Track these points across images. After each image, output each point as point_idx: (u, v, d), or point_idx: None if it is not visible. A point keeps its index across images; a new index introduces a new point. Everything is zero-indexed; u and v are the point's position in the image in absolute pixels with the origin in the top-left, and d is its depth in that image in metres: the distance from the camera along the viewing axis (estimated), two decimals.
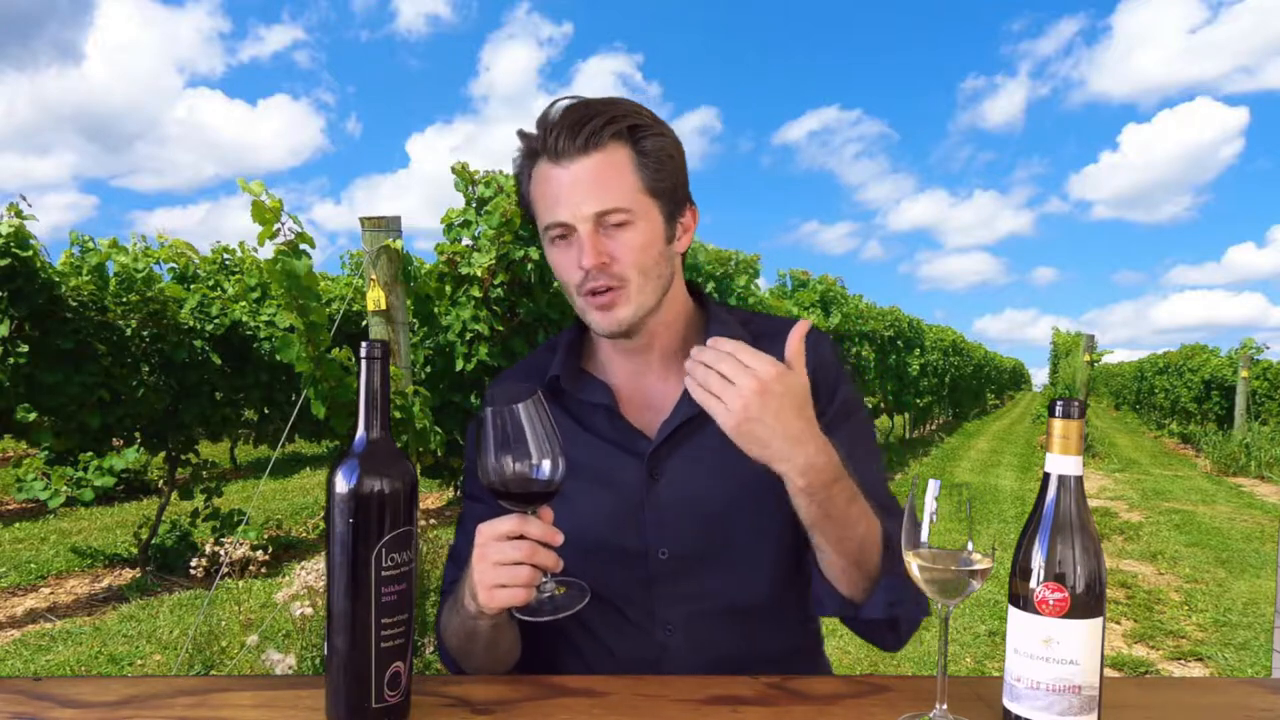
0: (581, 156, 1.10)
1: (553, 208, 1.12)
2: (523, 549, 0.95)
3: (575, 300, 1.17)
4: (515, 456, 0.93)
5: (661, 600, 1.16)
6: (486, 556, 0.96)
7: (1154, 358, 18.60)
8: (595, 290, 1.12)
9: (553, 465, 0.94)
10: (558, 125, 1.11)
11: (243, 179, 3.00)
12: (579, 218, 1.10)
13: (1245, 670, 3.92)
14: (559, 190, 1.11)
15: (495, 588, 0.96)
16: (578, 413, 1.21)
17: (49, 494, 5.43)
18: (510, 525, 0.96)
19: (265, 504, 7.69)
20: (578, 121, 1.10)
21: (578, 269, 1.12)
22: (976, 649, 4.14)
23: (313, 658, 3.22)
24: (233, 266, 6.84)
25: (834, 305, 9.97)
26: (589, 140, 1.10)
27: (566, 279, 1.16)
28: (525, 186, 1.19)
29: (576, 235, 1.12)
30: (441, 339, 4.22)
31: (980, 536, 0.88)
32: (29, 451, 7.69)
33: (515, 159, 1.20)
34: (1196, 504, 8.40)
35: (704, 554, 1.17)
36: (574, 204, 1.10)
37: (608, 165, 1.11)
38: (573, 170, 1.10)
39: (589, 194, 1.10)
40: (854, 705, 0.95)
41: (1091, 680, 0.83)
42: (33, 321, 4.34)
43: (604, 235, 1.11)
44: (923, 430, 16.21)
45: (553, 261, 1.18)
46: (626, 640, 1.18)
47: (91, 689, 0.98)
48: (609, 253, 1.11)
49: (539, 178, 1.14)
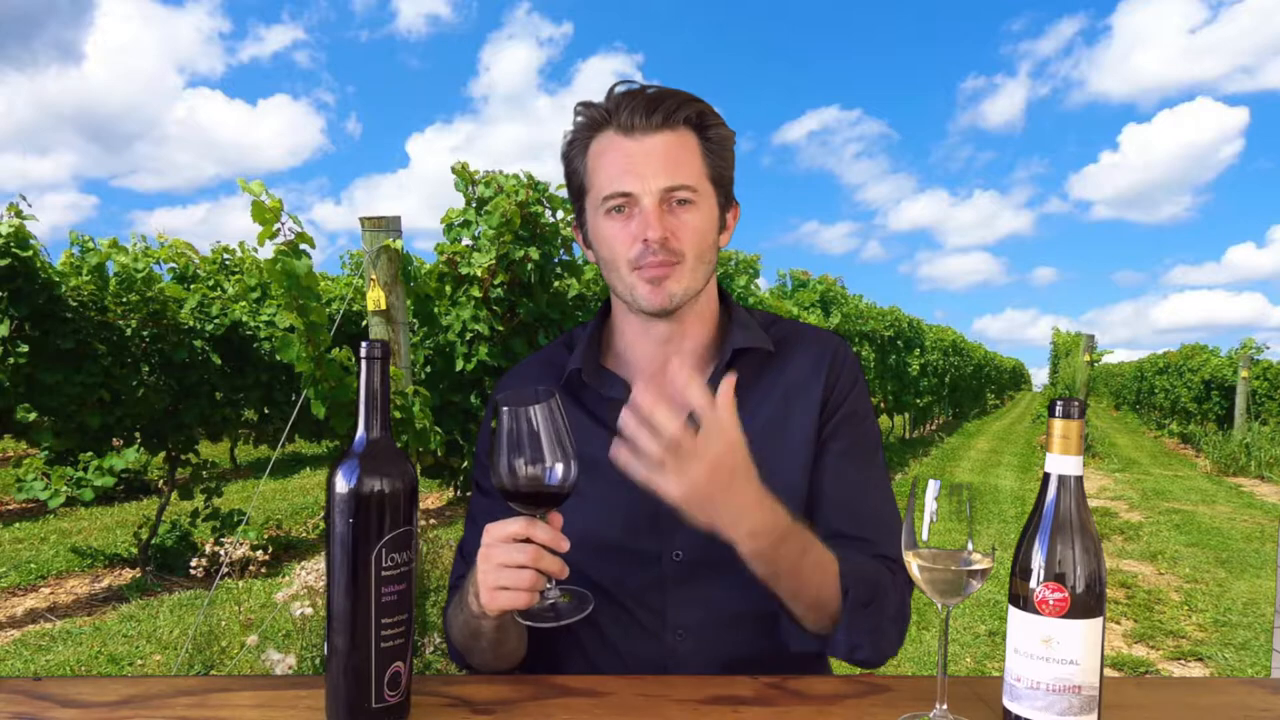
0: (654, 133, 1.11)
1: (619, 177, 1.11)
2: (528, 552, 0.94)
3: (620, 275, 1.14)
4: (528, 459, 0.92)
5: (673, 604, 1.16)
6: (491, 557, 0.95)
7: (1154, 358, 18.60)
8: (650, 264, 1.11)
9: (565, 469, 0.93)
10: (631, 100, 1.11)
11: (243, 179, 3.00)
12: (647, 190, 1.10)
13: (1245, 670, 3.92)
14: (629, 161, 1.11)
15: (497, 589, 0.95)
16: (596, 408, 1.20)
17: (49, 494, 5.43)
18: (517, 528, 0.95)
19: (265, 504, 7.68)
20: (653, 100, 1.11)
21: (634, 241, 1.11)
22: (976, 649, 4.14)
23: (313, 658, 3.22)
24: (233, 266, 6.84)
25: (834, 305, 9.98)
26: (666, 118, 1.11)
27: (617, 252, 1.13)
28: (579, 158, 1.17)
29: (638, 208, 1.11)
30: (441, 339, 4.22)
31: (980, 536, 0.88)
32: (29, 451, 7.69)
33: (569, 132, 1.18)
34: (1196, 504, 8.39)
35: (719, 558, 1.15)
36: (644, 175, 1.10)
37: (679, 144, 1.12)
38: (645, 143, 1.11)
39: (661, 168, 1.10)
40: (854, 705, 0.95)
41: (1091, 680, 0.83)
42: (33, 321, 4.34)
43: (667, 211, 1.11)
44: (923, 430, 16.21)
45: (603, 234, 1.15)
46: (636, 643, 1.17)
47: (91, 689, 0.98)
48: (671, 229, 1.11)
49: (602, 147, 1.14)
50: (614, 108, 1.12)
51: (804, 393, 1.21)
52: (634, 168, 1.10)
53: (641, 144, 1.11)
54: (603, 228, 1.15)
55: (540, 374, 1.25)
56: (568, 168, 1.20)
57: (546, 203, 4.14)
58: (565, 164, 1.21)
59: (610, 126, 1.13)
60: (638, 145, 1.11)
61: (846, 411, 1.21)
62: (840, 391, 1.22)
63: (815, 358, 1.23)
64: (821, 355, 1.23)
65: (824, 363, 1.23)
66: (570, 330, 1.31)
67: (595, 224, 1.16)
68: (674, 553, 1.15)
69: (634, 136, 1.11)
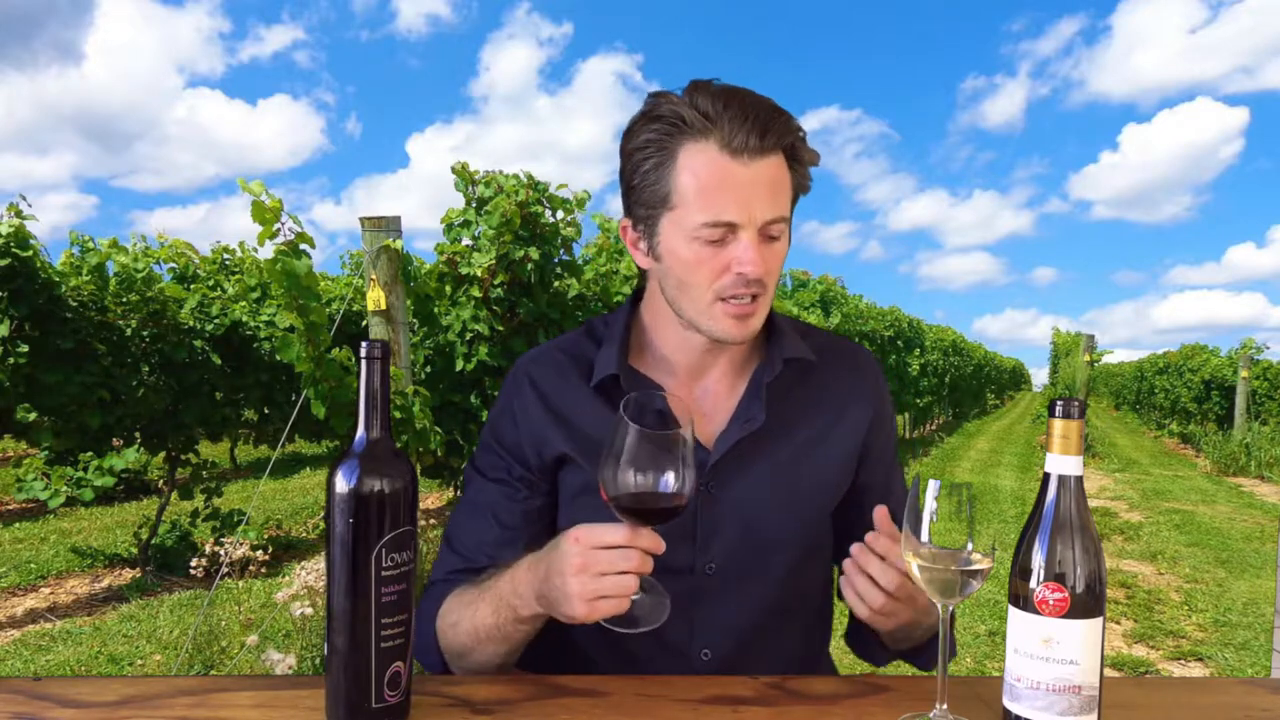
0: (760, 158, 1.04)
1: (727, 206, 1.03)
2: (634, 560, 0.92)
3: (697, 300, 1.09)
4: (653, 474, 0.92)
5: (701, 620, 1.14)
6: (591, 567, 0.92)
7: (1154, 358, 18.60)
8: (740, 297, 1.07)
9: (688, 487, 0.94)
10: (740, 115, 1.03)
11: (243, 179, 3.00)
12: (751, 220, 1.04)
13: (1245, 670, 3.92)
14: (737, 190, 1.03)
15: (598, 599, 0.93)
16: None
17: (49, 494, 5.43)
18: (620, 536, 0.93)
19: (265, 504, 7.68)
20: (763, 121, 1.03)
21: (724, 272, 1.06)
22: (976, 649, 4.14)
23: (313, 658, 3.22)
24: (233, 266, 6.84)
25: (834, 305, 9.98)
26: (778, 142, 1.05)
27: (706, 279, 1.07)
28: (665, 164, 1.06)
29: (735, 239, 1.05)
30: (441, 339, 4.22)
31: (980, 536, 0.88)
32: (29, 451, 7.69)
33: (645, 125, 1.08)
34: (1196, 504, 8.39)
35: (749, 568, 1.16)
36: (750, 207, 1.04)
37: (780, 173, 1.07)
38: (753, 169, 1.04)
39: (767, 200, 1.05)
40: (854, 705, 0.95)
41: (1091, 680, 0.83)
42: (33, 321, 4.34)
43: (762, 242, 1.06)
44: (923, 430, 16.21)
45: (686, 256, 1.07)
46: (660, 662, 1.15)
47: (91, 689, 0.98)
48: (765, 261, 1.06)
49: (702, 164, 1.04)
50: (716, 118, 1.03)
51: (849, 409, 1.23)
52: (742, 198, 1.03)
53: (749, 169, 1.03)
54: (688, 250, 1.07)
55: (565, 365, 1.21)
56: (639, 165, 1.08)
57: (546, 203, 4.14)
58: (633, 159, 1.09)
59: (710, 139, 1.04)
60: (746, 171, 1.03)
61: (883, 419, 1.27)
62: (882, 408, 1.27)
63: (858, 376, 1.26)
64: (864, 374, 1.27)
65: (867, 383, 1.26)
66: (590, 321, 1.26)
67: (675, 242, 1.08)
68: (708, 565, 1.14)
69: (742, 160, 1.03)
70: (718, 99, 1.04)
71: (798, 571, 1.18)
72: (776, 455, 1.16)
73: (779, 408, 1.17)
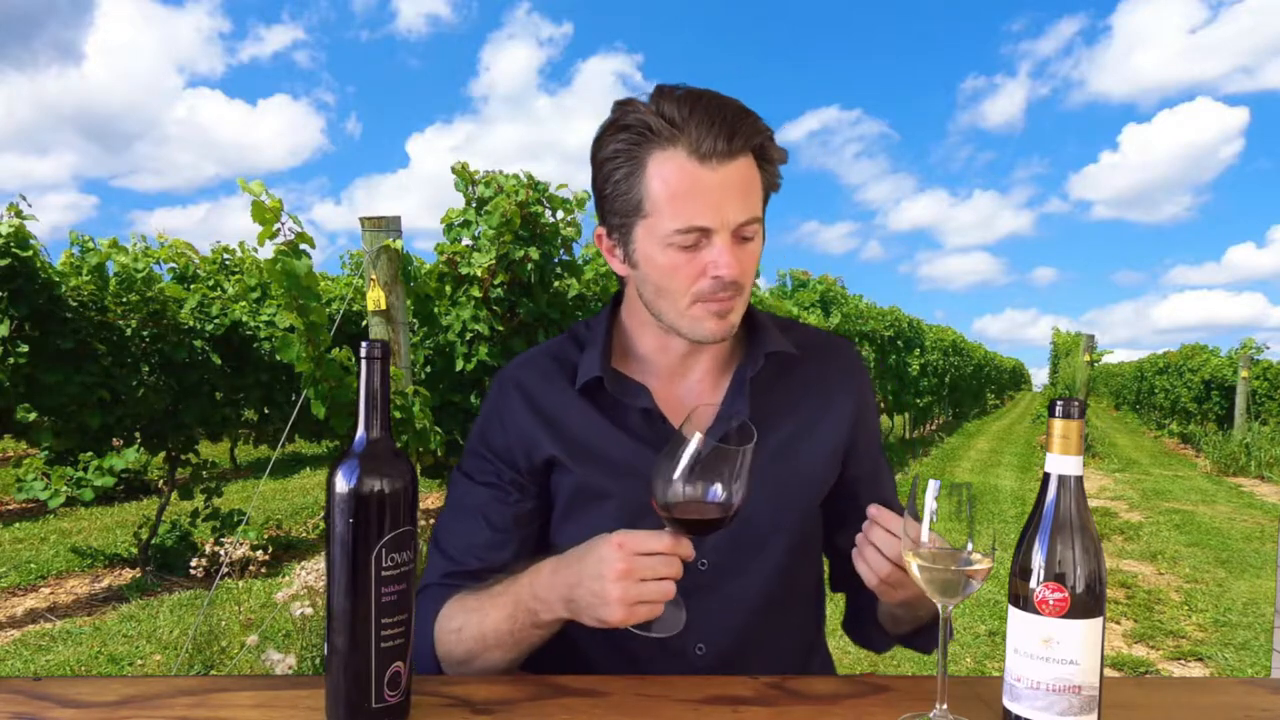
0: (728, 161, 1.05)
1: (699, 212, 1.04)
2: (675, 566, 0.94)
3: (675, 304, 1.10)
4: (705, 487, 0.94)
5: (696, 617, 1.13)
6: (635, 573, 0.93)
7: (1154, 358, 18.60)
8: (719, 299, 1.08)
9: (740, 503, 0.95)
10: (706, 121, 1.03)
11: (243, 179, 3.00)
12: (723, 224, 1.05)
13: (1245, 670, 3.92)
14: (707, 195, 1.04)
15: (639, 604, 0.94)
16: (613, 412, 1.18)
17: (49, 494, 5.43)
18: (664, 544, 0.94)
19: (265, 504, 7.69)
20: (730, 125, 1.04)
21: (700, 276, 1.07)
22: (976, 649, 4.14)
23: (313, 658, 3.22)
24: (233, 266, 6.84)
25: (834, 305, 9.98)
26: (746, 144, 1.06)
27: (682, 284, 1.08)
28: (635, 173, 1.07)
29: (708, 242, 1.06)
30: (441, 339, 4.22)
31: (980, 536, 0.88)
32: (29, 451, 7.69)
33: (612, 134, 1.09)
34: (1196, 504, 8.40)
35: (742, 563, 1.16)
36: (721, 210, 1.04)
37: (750, 174, 1.08)
38: (721, 173, 1.04)
39: (737, 203, 1.05)
40: (854, 705, 0.95)
41: (1091, 680, 0.83)
42: (33, 321, 4.34)
43: (736, 244, 1.08)
44: (923, 430, 16.21)
45: (662, 263, 1.08)
46: (656, 662, 1.15)
47: (91, 689, 0.98)
48: (740, 262, 1.08)
49: (671, 171, 1.05)
50: (683, 124, 1.04)
51: (834, 402, 1.25)
52: (713, 202, 1.04)
53: (718, 173, 1.04)
54: (663, 256, 1.08)
55: (550, 370, 1.22)
56: (610, 175, 1.10)
57: (546, 203, 4.14)
58: (604, 169, 1.10)
59: (678, 146, 1.04)
60: (715, 176, 1.04)
61: (867, 410, 1.29)
62: (866, 400, 1.29)
63: (841, 368, 1.28)
64: (847, 366, 1.29)
65: (851, 375, 1.28)
66: (573, 327, 1.29)
67: (650, 249, 1.09)
68: (699, 561, 1.14)
69: (710, 165, 1.04)
70: (683, 104, 1.04)
71: (790, 564, 1.19)
72: (763, 449, 1.16)
73: (763, 402, 1.19)
